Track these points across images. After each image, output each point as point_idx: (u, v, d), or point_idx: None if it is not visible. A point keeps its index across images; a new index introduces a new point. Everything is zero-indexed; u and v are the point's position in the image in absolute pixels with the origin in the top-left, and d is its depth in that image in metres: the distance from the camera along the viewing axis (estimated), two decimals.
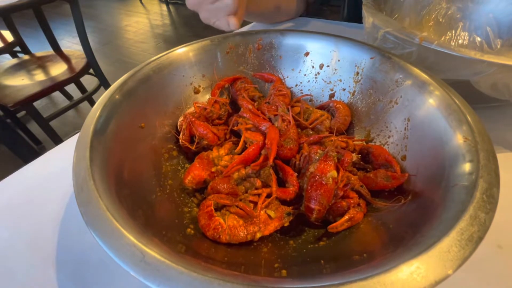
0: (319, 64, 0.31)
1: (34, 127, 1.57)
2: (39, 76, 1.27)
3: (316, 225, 0.22)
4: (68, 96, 1.87)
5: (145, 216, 0.20)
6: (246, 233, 0.21)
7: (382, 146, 0.25)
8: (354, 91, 0.29)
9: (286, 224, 0.22)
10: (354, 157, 0.24)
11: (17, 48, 1.62)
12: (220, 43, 0.33)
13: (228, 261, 0.19)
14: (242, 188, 0.24)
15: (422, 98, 0.22)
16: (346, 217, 0.20)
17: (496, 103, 0.33)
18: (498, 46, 0.43)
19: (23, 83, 1.21)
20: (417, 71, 0.24)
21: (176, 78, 0.32)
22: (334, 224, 0.21)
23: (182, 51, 0.32)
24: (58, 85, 1.22)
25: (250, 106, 0.31)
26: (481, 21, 0.45)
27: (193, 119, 0.29)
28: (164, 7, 3.51)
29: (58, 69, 1.30)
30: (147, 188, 0.24)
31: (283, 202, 0.23)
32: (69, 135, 1.58)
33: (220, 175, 0.25)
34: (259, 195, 0.23)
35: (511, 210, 0.25)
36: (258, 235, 0.21)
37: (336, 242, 0.21)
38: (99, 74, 1.37)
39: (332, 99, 0.31)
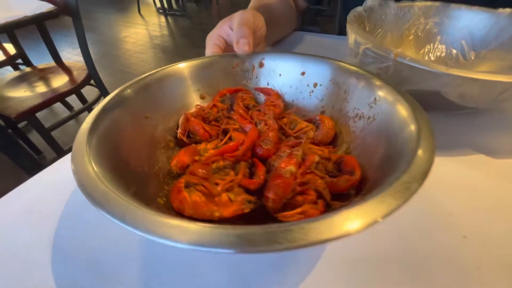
0: (313, 83, 0.34)
1: (34, 137, 1.59)
2: (41, 87, 1.30)
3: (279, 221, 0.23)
4: (68, 106, 1.90)
5: (127, 183, 0.23)
6: (206, 209, 0.22)
7: (353, 156, 0.27)
8: (341, 109, 0.32)
9: (246, 211, 0.23)
10: (317, 158, 0.25)
11: (19, 60, 1.65)
12: (228, 59, 0.38)
13: None
14: (217, 175, 0.27)
15: (393, 112, 0.25)
16: (299, 209, 0.22)
17: (466, 110, 0.36)
18: (472, 58, 0.47)
19: (25, 94, 1.24)
20: (390, 88, 0.27)
21: (184, 83, 0.36)
22: (285, 213, 0.22)
23: (194, 63, 0.37)
24: (60, 96, 1.26)
25: (241, 111, 0.35)
26: (457, 35, 0.49)
27: (189, 117, 0.33)
28: (163, 18, 3.58)
29: (60, 81, 1.34)
30: (138, 163, 0.27)
31: (250, 192, 0.25)
32: (69, 144, 1.60)
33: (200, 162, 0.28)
34: (225, 179, 0.25)
35: (476, 205, 0.29)
36: (217, 214, 0.22)
37: None
38: (100, 85, 1.41)
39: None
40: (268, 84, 0.38)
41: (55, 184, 0.33)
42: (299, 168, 0.24)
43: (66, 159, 0.37)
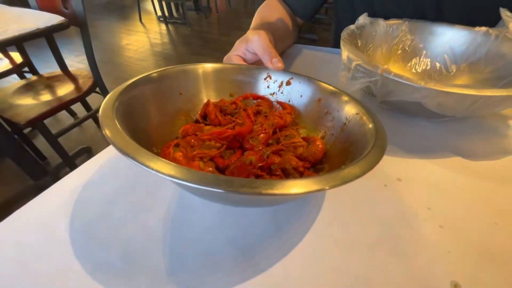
0: (325, 110, 0.39)
1: (38, 143, 1.63)
2: (48, 95, 1.34)
3: None
4: (71, 113, 1.95)
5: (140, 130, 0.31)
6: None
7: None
8: (338, 138, 0.36)
9: None
10: (277, 160, 0.30)
11: (25, 68, 1.70)
12: (263, 71, 0.44)
13: None
14: (204, 148, 0.32)
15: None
16: None
17: (446, 118, 0.41)
18: (454, 70, 0.53)
19: (33, 102, 1.29)
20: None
21: (221, 80, 0.43)
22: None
23: (235, 66, 0.44)
24: (67, 104, 1.30)
25: (249, 111, 0.40)
26: (440, 50, 0.54)
27: (210, 103, 0.40)
28: (163, 26, 3.66)
29: (66, 89, 1.38)
30: (159, 116, 0.36)
31: (220, 170, 0.31)
32: (74, 150, 1.62)
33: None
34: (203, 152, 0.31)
35: (453, 200, 0.33)
36: None
37: None
38: (105, 92, 1.45)
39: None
40: (289, 101, 0.43)
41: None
42: (261, 162, 0.30)
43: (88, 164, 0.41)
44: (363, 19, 0.54)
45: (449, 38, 0.53)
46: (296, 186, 0.20)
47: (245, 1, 4.84)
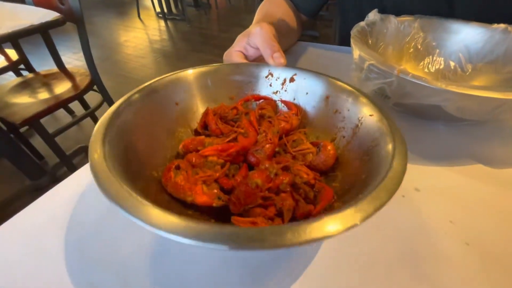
0: (334, 109, 0.36)
1: (35, 142, 1.60)
2: (45, 94, 1.31)
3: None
4: (69, 111, 1.92)
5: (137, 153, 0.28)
6: (181, 192, 0.26)
7: (332, 190, 0.28)
8: (350, 142, 0.33)
9: (214, 205, 0.26)
10: (286, 179, 0.27)
11: (21, 66, 1.67)
12: (263, 69, 0.41)
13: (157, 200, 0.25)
14: (206, 167, 0.30)
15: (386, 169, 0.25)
16: (251, 219, 0.24)
17: (466, 122, 0.38)
18: (469, 70, 0.50)
19: (30, 100, 1.26)
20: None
21: (218, 82, 0.40)
22: (238, 217, 0.24)
23: (230, 66, 0.41)
24: (64, 102, 1.27)
25: (252, 118, 0.37)
26: (454, 48, 0.51)
27: (209, 111, 0.37)
28: (162, 22, 3.61)
29: (63, 87, 1.35)
30: (155, 135, 0.33)
31: (226, 191, 0.28)
32: (72, 149, 1.60)
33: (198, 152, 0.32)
34: (206, 173, 0.29)
35: (476, 213, 0.31)
36: (189, 199, 0.26)
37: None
38: (103, 90, 1.42)
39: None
40: (294, 99, 0.39)
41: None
42: (268, 183, 0.26)
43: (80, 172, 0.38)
44: (373, 15, 0.51)
45: (464, 36, 0.50)
46: (313, 231, 0.17)
47: None
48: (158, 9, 3.72)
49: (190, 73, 0.38)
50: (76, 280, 0.26)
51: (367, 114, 0.31)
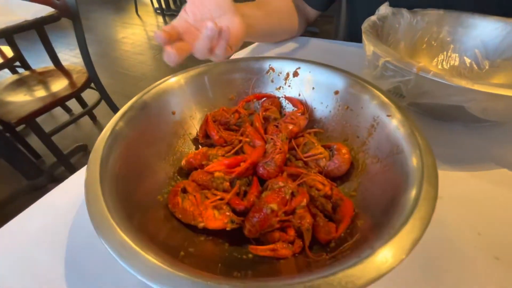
0: (345, 105, 0.33)
1: (32, 141, 1.57)
2: (41, 92, 1.28)
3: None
4: (67, 109, 1.88)
5: (140, 174, 0.26)
6: (192, 218, 0.25)
7: (352, 202, 0.26)
8: (365, 142, 0.30)
9: (227, 228, 0.24)
10: (304, 201, 0.25)
11: (17, 63, 1.63)
12: (262, 63, 0.37)
13: (168, 235, 0.23)
14: (214, 184, 0.28)
15: (410, 169, 0.23)
16: (271, 246, 0.22)
17: (486, 123, 0.36)
18: (487, 67, 0.47)
19: (25, 99, 1.23)
20: (420, 142, 0.24)
21: (215, 83, 0.37)
22: (256, 246, 0.23)
23: (226, 65, 0.37)
24: (61, 101, 1.24)
25: (257, 124, 0.35)
26: (470, 44, 0.49)
27: (209, 119, 0.34)
28: (160, 18, 3.55)
29: (60, 85, 1.32)
30: (155, 153, 0.30)
31: (238, 213, 0.26)
32: (69, 148, 1.57)
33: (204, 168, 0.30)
34: (216, 195, 0.27)
35: (505, 223, 0.28)
36: (201, 225, 0.25)
37: (256, 261, 0.23)
38: (100, 88, 1.39)
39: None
40: (299, 95, 0.37)
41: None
42: (283, 205, 0.24)
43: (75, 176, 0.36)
44: (384, 9, 0.48)
45: (481, 31, 0.48)
46: (357, 276, 0.15)
47: None
48: (156, 5, 3.66)
49: (179, 78, 0.34)
50: None
51: (384, 114, 0.29)
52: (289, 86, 0.37)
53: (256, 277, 0.21)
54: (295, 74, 0.36)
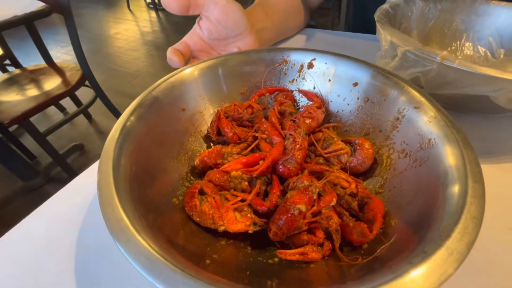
0: (364, 97, 0.31)
1: (26, 141, 1.53)
2: (33, 90, 1.24)
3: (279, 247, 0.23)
4: (60, 108, 1.84)
5: (152, 177, 0.25)
6: (212, 222, 0.23)
7: (381, 200, 0.24)
8: (388, 136, 0.28)
9: (250, 231, 0.23)
10: (334, 201, 0.23)
11: (6, 61, 1.58)
12: (275, 55, 0.35)
13: (187, 240, 0.22)
14: (232, 184, 0.27)
15: (445, 163, 0.22)
16: (299, 250, 0.21)
17: (507, 113, 0.35)
18: (502, 56, 0.46)
19: (17, 98, 1.19)
20: (452, 130, 0.23)
21: (226, 78, 0.35)
22: (284, 250, 0.21)
23: (237, 57, 0.35)
24: (54, 99, 1.20)
25: (273, 119, 0.33)
26: (484, 33, 0.47)
27: (221, 116, 0.32)
28: (153, 13, 3.48)
29: (53, 83, 1.28)
30: (167, 152, 0.28)
31: (259, 214, 0.25)
32: (65, 147, 1.53)
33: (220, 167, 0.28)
34: (236, 196, 0.25)
35: None
36: (222, 228, 0.23)
37: (284, 266, 0.22)
38: (95, 86, 1.35)
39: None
40: (314, 88, 0.35)
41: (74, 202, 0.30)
42: (311, 206, 0.23)
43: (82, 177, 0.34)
44: None
45: (496, 19, 0.46)
46: None
47: None
48: (148, 0, 3.58)
49: (193, 70, 0.33)
50: None
51: (411, 106, 0.27)
52: (303, 78, 0.35)
53: (287, 286, 0.19)
54: (310, 66, 0.34)
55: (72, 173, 1.34)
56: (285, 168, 0.27)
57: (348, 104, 0.33)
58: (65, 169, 1.34)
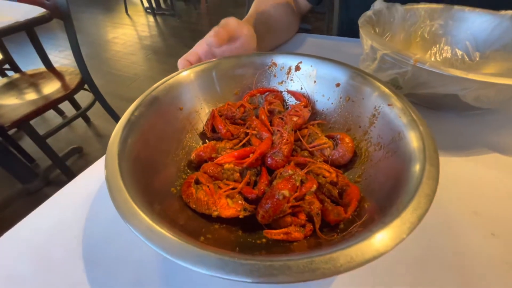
0: (346, 96, 0.34)
1: (26, 144, 1.55)
2: (33, 94, 1.26)
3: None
4: (59, 111, 1.86)
5: (153, 171, 0.27)
6: (206, 207, 0.26)
7: (358, 187, 0.27)
8: (366, 131, 0.31)
9: (241, 216, 0.26)
10: (314, 187, 0.26)
11: (5, 66, 1.60)
12: (265, 59, 0.39)
13: (185, 223, 0.25)
14: (225, 176, 0.30)
15: (411, 152, 0.24)
16: (284, 230, 0.24)
17: (478, 110, 0.38)
18: (477, 58, 0.49)
19: (17, 102, 1.21)
20: (419, 127, 0.26)
21: (225, 78, 0.38)
22: (270, 230, 0.24)
23: (229, 61, 0.38)
24: (54, 103, 1.22)
25: (263, 117, 0.36)
26: (461, 37, 0.51)
27: (216, 114, 0.35)
28: (151, 18, 3.51)
29: (52, 87, 1.30)
30: (166, 147, 0.31)
31: (249, 201, 0.28)
32: (64, 150, 1.55)
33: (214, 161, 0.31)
34: (229, 185, 0.28)
35: (499, 202, 0.30)
36: (215, 213, 0.26)
37: (271, 245, 0.24)
38: (94, 89, 1.38)
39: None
40: (301, 88, 0.38)
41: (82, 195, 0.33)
42: (294, 192, 0.25)
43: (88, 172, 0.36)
44: (379, 3, 0.50)
45: (471, 24, 0.50)
46: (365, 252, 0.16)
47: None
48: (146, 4, 3.62)
49: (189, 73, 0.36)
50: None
51: (385, 103, 0.30)
52: (291, 80, 0.38)
53: (273, 253, 0.22)
54: (297, 68, 0.38)
55: (71, 175, 1.36)
56: (273, 160, 0.30)
57: (332, 103, 0.36)
58: (64, 171, 1.36)
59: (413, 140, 0.24)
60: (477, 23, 0.49)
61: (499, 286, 0.24)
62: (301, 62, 0.37)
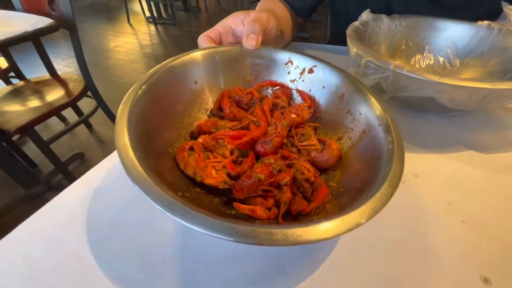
0: (347, 109, 0.36)
1: (28, 149, 1.58)
2: (38, 101, 1.30)
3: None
4: (61, 118, 1.89)
5: (158, 131, 0.31)
6: (193, 172, 0.29)
7: (328, 189, 0.30)
8: (354, 144, 0.33)
9: (220, 187, 0.29)
10: (287, 178, 0.29)
11: (11, 74, 1.64)
12: (284, 56, 0.41)
13: (173, 180, 0.28)
14: (217, 150, 0.32)
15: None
16: (251, 207, 0.27)
17: (456, 112, 0.41)
18: (457, 65, 0.53)
19: (22, 108, 1.24)
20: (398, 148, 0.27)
21: (241, 63, 0.42)
22: (239, 204, 0.27)
23: (255, 50, 0.41)
24: (58, 109, 1.26)
25: (265, 107, 0.38)
26: (442, 44, 0.55)
27: (225, 94, 0.39)
28: (152, 27, 3.60)
29: (56, 94, 1.34)
30: (172, 113, 0.35)
31: (231, 177, 0.30)
32: (66, 156, 1.57)
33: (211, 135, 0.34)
34: (217, 158, 0.31)
35: (471, 194, 0.33)
36: (198, 178, 0.29)
37: (239, 217, 0.27)
38: (97, 96, 1.42)
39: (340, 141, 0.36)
40: (310, 90, 0.40)
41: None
42: (270, 178, 0.29)
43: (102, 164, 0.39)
44: (366, 15, 0.54)
45: (452, 33, 0.54)
46: (304, 235, 0.19)
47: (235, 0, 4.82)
48: (148, 14, 3.71)
49: (213, 51, 0.39)
50: (99, 275, 0.27)
51: (376, 123, 0.31)
52: (302, 80, 0.41)
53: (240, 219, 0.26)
54: (310, 71, 0.40)
55: (72, 181, 1.38)
56: (262, 148, 0.33)
57: (333, 111, 0.38)
58: (66, 176, 1.38)
59: (389, 164, 0.26)
60: (457, 32, 0.53)
61: (467, 264, 0.27)
62: (315, 66, 0.39)
